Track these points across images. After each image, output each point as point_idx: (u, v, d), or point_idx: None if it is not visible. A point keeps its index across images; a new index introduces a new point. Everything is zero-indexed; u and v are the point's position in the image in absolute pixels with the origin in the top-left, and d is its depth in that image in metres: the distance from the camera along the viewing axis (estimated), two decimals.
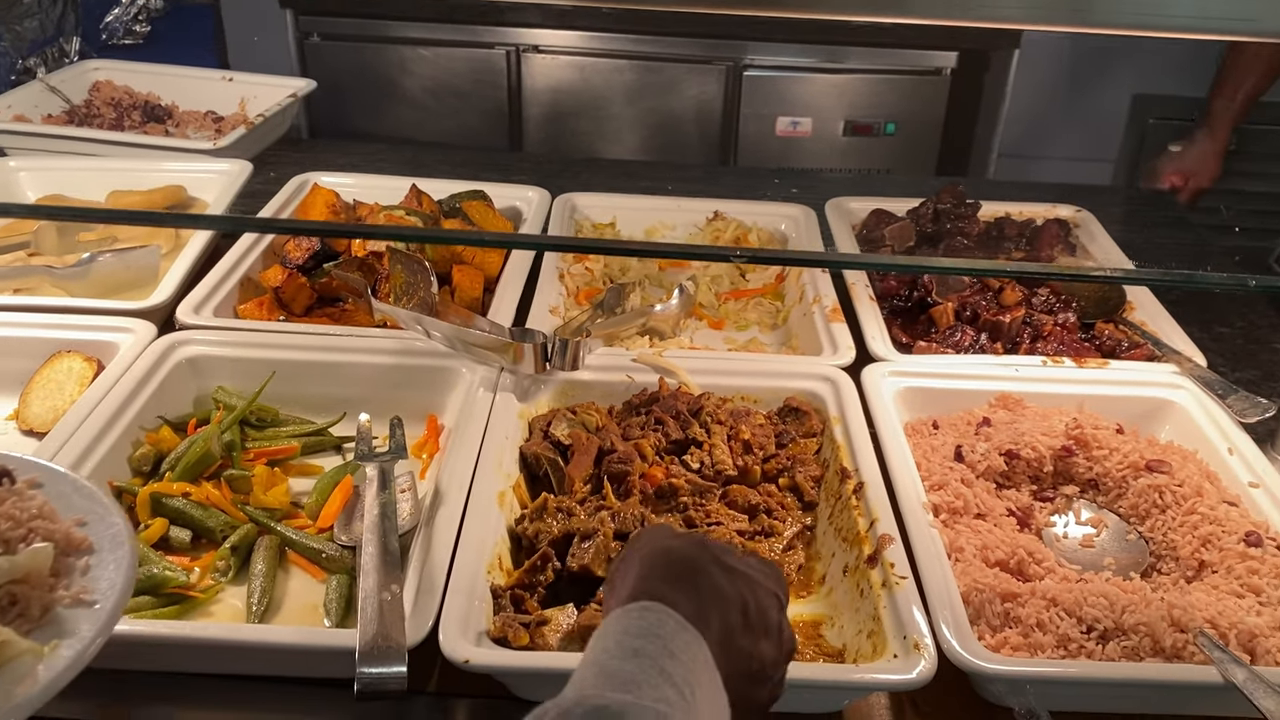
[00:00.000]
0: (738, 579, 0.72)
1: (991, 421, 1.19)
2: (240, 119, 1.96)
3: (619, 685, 0.59)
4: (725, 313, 1.50)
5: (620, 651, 0.62)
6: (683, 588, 0.69)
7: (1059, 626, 0.93)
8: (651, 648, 0.62)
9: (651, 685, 0.59)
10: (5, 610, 0.67)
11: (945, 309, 1.40)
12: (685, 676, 0.61)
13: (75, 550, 0.74)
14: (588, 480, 1.10)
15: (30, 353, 1.24)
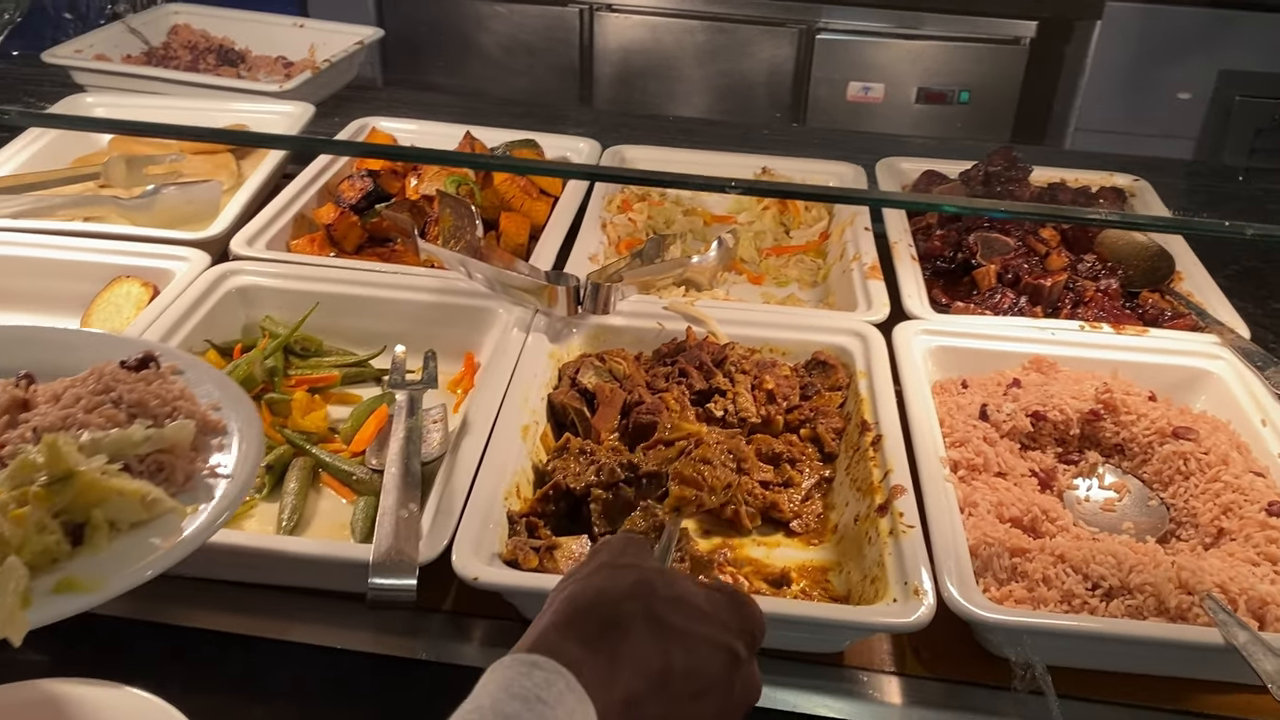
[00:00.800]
0: (669, 638, 0.64)
1: (1022, 383, 1.19)
2: (308, 64, 2.01)
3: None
4: (766, 268, 1.51)
5: (493, 714, 0.57)
6: (594, 645, 0.63)
7: (1064, 582, 0.93)
8: (528, 716, 0.57)
9: None
10: (153, 475, 0.75)
11: (988, 271, 1.40)
12: None
13: (211, 430, 0.82)
14: (614, 430, 1.13)
15: (94, 276, 1.30)
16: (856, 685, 0.92)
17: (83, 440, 0.74)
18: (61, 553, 0.67)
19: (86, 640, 0.92)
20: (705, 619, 0.66)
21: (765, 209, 1.60)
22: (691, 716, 0.64)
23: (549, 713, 0.57)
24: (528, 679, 0.58)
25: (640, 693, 0.62)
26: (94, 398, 0.80)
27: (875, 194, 0.92)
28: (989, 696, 0.91)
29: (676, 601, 0.66)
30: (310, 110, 1.75)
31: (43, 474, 0.69)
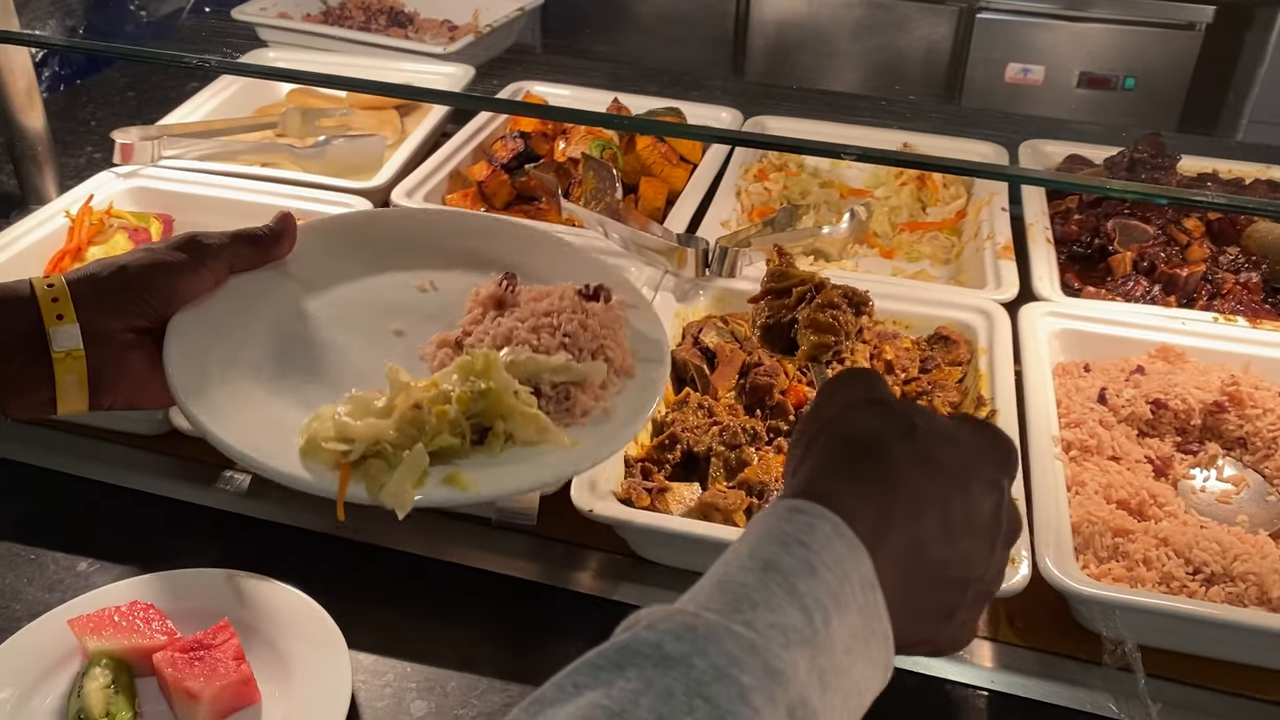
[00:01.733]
0: (944, 476, 0.57)
1: (1146, 370, 1.19)
2: (472, 28, 2.11)
3: (729, 602, 0.48)
4: (898, 243, 1.53)
5: (751, 561, 0.50)
6: (862, 485, 0.56)
7: (1165, 565, 0.94)
8: (788, 561, 0.50)
9: (770, 607, 0.48)
10: (558, 402, 0.77)
11: (1124, 258, 1.38)
12: (821, 597, 0.49)
13: (622, 373, 0.83)
14: (731, 389, 1.18)
15: (269, 217, 1.41)
16: None
17: (510, 358, 0.77)
18: (461, 452, 0.72)
19: (250, 541, 1.04)
20: (971, 453, 0.60)
21: (903, 184, 1.61)
22: (968, 556, 0.58)
23: (812, 557, 0.50)
24: (788, 523, 0.52)
25: (920, 537, 0.56)
26: (541, 318, 0.83)
27: (985, 166, 0.93)
28: (1079, 669, 0.93)
29: (944, 438, 0.59)
30: (471, 72, 1.85)
31: (475, 381, 0.73)
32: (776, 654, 0.46)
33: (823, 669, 0.47)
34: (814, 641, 0.48)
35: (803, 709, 0.45)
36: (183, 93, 1.80)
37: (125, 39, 2.43)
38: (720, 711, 0.43)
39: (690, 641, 0.45)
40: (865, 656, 0.50)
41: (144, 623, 0.87)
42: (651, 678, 0.44)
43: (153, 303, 0.74)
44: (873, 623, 0.51)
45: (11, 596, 0.97)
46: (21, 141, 1.52)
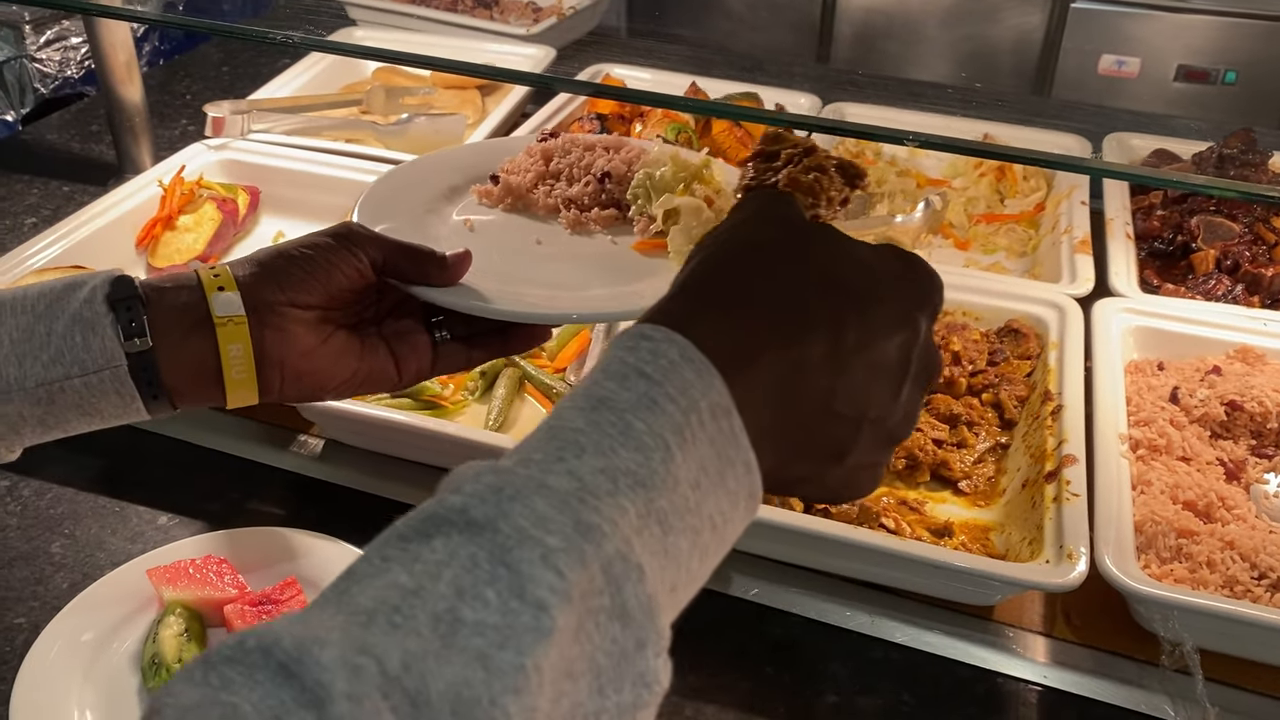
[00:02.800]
0: (836, 297, 0.51)
1: (1222, 371, 1.16)
2: (555, 10, 2.13)
3: (553, 451, 0.44)
4: (974, 235, 1.51)
5: (585, 400, 0.46)
6: (730, 305, 0.50)
7: (1229, 568, 0.93)
8: (625, 396, 0.45)
9: (599, 450, 0.44)
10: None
11: (1206, 255, 1.35)
12: (662, 433, 0.45)
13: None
14: None
15: (351, 191, 1.43)
16: (1003, 639, 0.95)
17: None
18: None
19: (320, 503, 1.07)
20: (878, 278, 0.53)
21: (981, 175, 1.59)
22: (865, 390, 0.51)
23: (654, 389, 0.45)
24: (631, 353, 0.47)
25: (799, 361, 0.50)
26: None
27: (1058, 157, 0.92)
28: (1135, 669, 0.92)
29: (848, 259, 0.53)
30: (552, 54, 1.87)
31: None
32: (594, 505, 0.42)
33: (662, 510, 0.44)
34: (650, 483, 0.44)
35: (621, 564, 0.42)
36: (274, 69, 1.86)
37: (221, 16, 2.50)
38: (521, 579, 0.39)
39: (496, 504, 0.41)
40: (720, 488, 0.46)
41: (216, 576, 0.91)
42: (457, 547, 0.40)
43: (311, 279, 0.73)
44: (728, 451, 0.47)
45: (97, 545, 1.02)
46: (120, 113, 1.58)
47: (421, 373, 0.81)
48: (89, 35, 1.56)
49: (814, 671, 0.92)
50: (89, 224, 1.35)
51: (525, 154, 1.00)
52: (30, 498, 1.07)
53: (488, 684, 0.37)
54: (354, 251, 0.75)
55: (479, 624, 0.38)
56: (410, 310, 0.80)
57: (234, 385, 0.71)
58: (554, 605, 0.39)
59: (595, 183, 0.95)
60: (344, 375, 0.76)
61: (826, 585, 0.99)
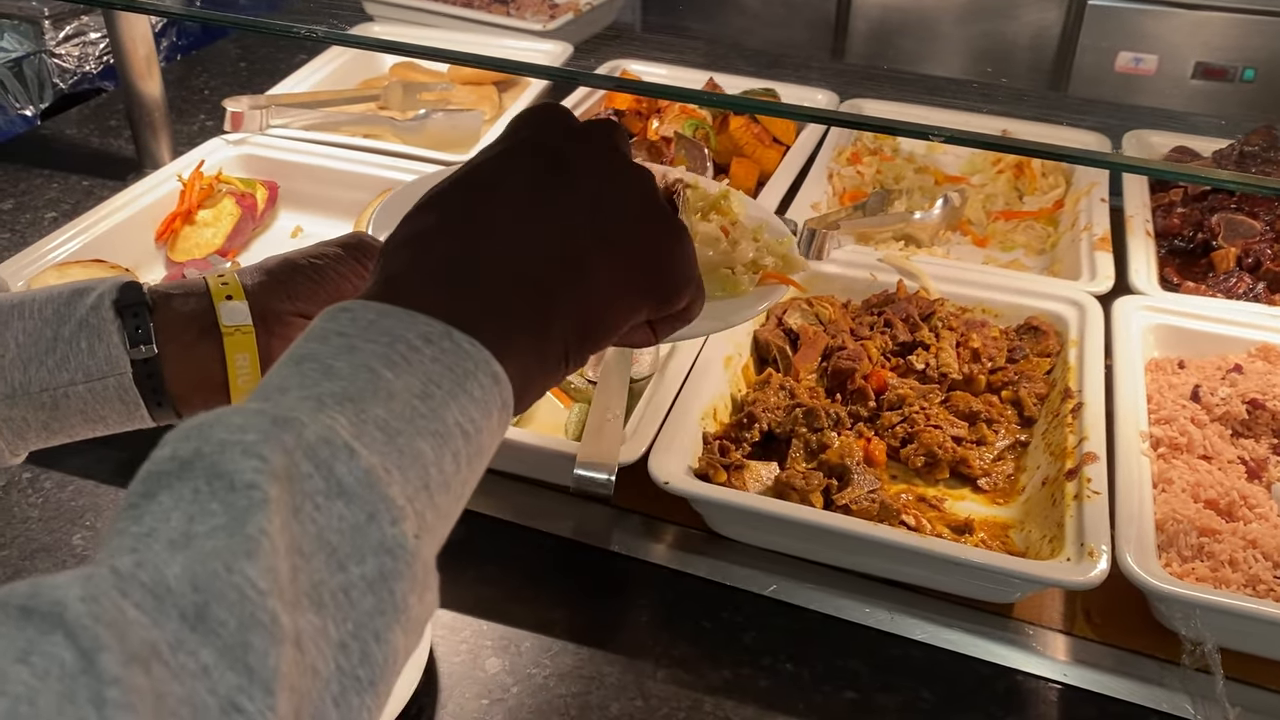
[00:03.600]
0: (467, 179, 0.54)
1: (1244, 369, 1.15)
2: (572, 5, 2.13)
3: (256, 397, 0.45)
4: (993, 231, 1.51)
5: (287, 359, 0.47)
6: (410, 239, 0.52)
7: (1251, 567, 0.92)
8: (324, 349, 0.46)
9: (301, 387, 0.44)
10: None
11: (1227, 253, 1.34)
12: (368, 363, 0.45)
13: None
14: (813, 372, 1.18)
15: (369, 187, 1.47)
16: (1023, 637, 0.95)
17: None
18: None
19: None
20: (499, 145, 0.55)
21: (1000, 172, 1.59)
22: (519, 233, 0.52)
23: (353, 340, 0.46)
24: (331, 321, 0.48)
25: (424, 224, 0.52)
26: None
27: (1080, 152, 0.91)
28: (1155, 668, 0.92)
29: (481, 157, 0.55)
30: (569, 50, 1.87)
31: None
32: (294, 412, 0.42)
33: (380, 418, 0.43)
34: (359, 397, 0.44)
35: (326, 447, 0.41)
36: (292, 64, 1.86)
37: (238, 10, 2.51)
38: (229, 476, 0.39)
39: (196, 435, 0.41)
40: (463, 395, 0.46)
41: None
42: (180, 492, 0.40)
43: (319, 289, 0.73)
44: (462, 364, 0.46)
45: None
46: (139, 108, 1.59)
47: None
48: (109, 30, 1.56)
49: (832, 668, 0.92)
50: (109, 219, 1.36)
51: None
52: (52, 490, 1.08)
53: (220, 555, 0.37)
54: (363, 262, 0.75)
55: (211, 530, 0.38)
56: None
57: (240, 394, 0.70)
58: (262, 482, 0.39)
59: None
60: None
61: (845, 582, 0.98)
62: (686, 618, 0.96)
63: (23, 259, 1.26)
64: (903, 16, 3.17)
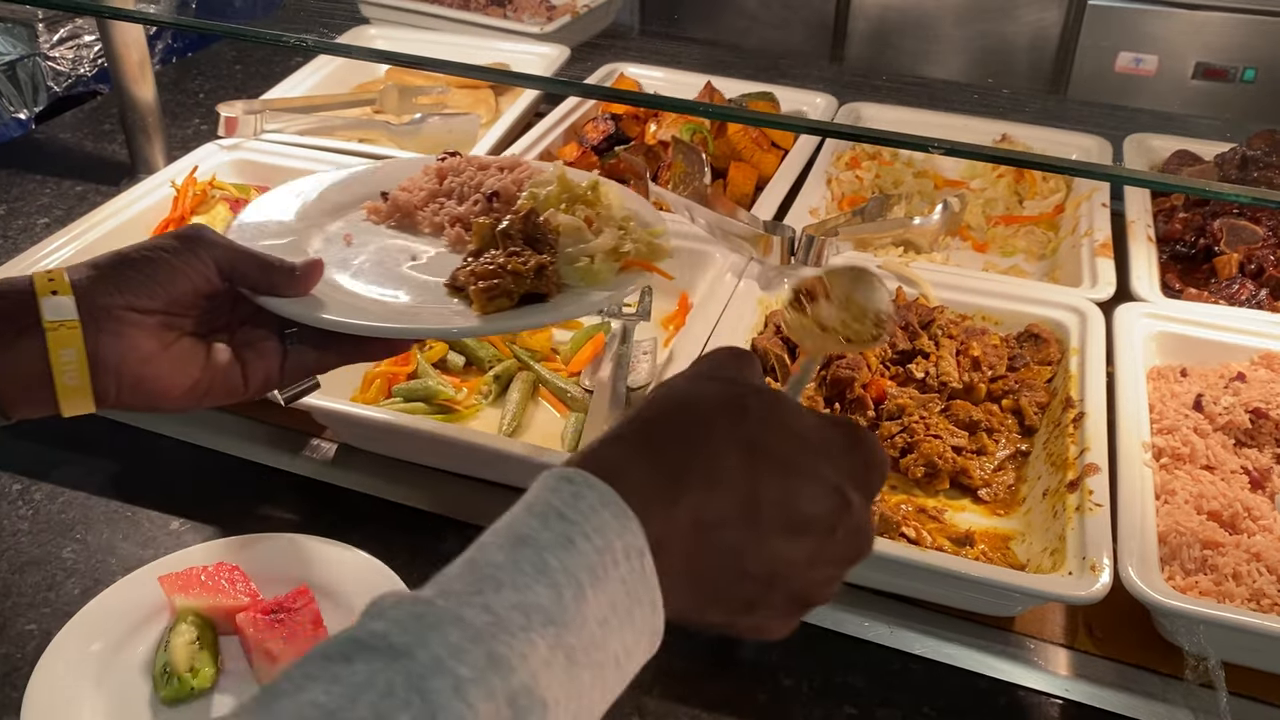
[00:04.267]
0: (760, 461, 0.53)
1: (1247, 378, 1.14)
2: (569, 8, 2.12)
3: (472, 583, 0.46)
4: (992, 237, 1.50)
5: (505, 537, 0.49)
6: (655, 455, 0.53)
7: (1256, 581, 0.91)
8: (545, 535, 0.48)
9: (515, 586, 0.46)
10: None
11: (1229, 259, 1.33)
12: (576, 572, 0.47)
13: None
14: (812, 380, 1.17)
15: None
16: (1024, 651, 0.94)
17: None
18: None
19: (333, 508, 1.06)
20: (810, 450, 0.55)
21: (1000, 176, 1.57)
22: (777, 555, 0.53)
23: (571, 529, 0.48)
24: (554, 494, 0.49)
25: (712, 515, 0.52)
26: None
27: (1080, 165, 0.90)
28: (1158, 683, 0.90)
29: (776, 424, 0.55)
30: (566, 53, 1.86)
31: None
32: (506, 640, 0.44)
33: (570, 646, 0.46)
34: (561, 620, 0.46)
35: (526, 697, 0.44)
36: (287, 68, 1.85)
37: (234, 14, 2.50)
38: (433, 707, 0.41)
39: (415, 632, 0.43)
40: (628, 626, 0.49)
41: (229, 583, 0.91)
42: (376, 671, 0.42)
43: (152, 283, 0.72)
44: (637, 590, 0.49)
45: (108, 551, 1.01)
46: (133, 113, 1.57)
47: (270, 382, 0.80)
48: (101, 35, 1.55)
49: (831, 683, 0.91)
50: (101, 225, 1.35)
51: (422, 172, 1.02)
52: (42, 502, 1.06)
53: None
54: (200, 256, 0.74)
55: None
56: (265, 318, 0.80)
57: (66, 392, 0.69)
58: None
59: (484, 201, 0.97)
60: (186, 383, 0.74)
61: (844, 595, 0.97)
62: (683, 632, 0.94)
63: (14, 266, 1.25)
64: (902, 17, 3.16)
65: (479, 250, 0.88)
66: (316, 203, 0.99)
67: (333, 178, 1.04)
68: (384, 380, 1.17)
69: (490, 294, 0.83)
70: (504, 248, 0.86)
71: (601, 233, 0.89)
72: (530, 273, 0.83)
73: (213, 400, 0.77)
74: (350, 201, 1.01)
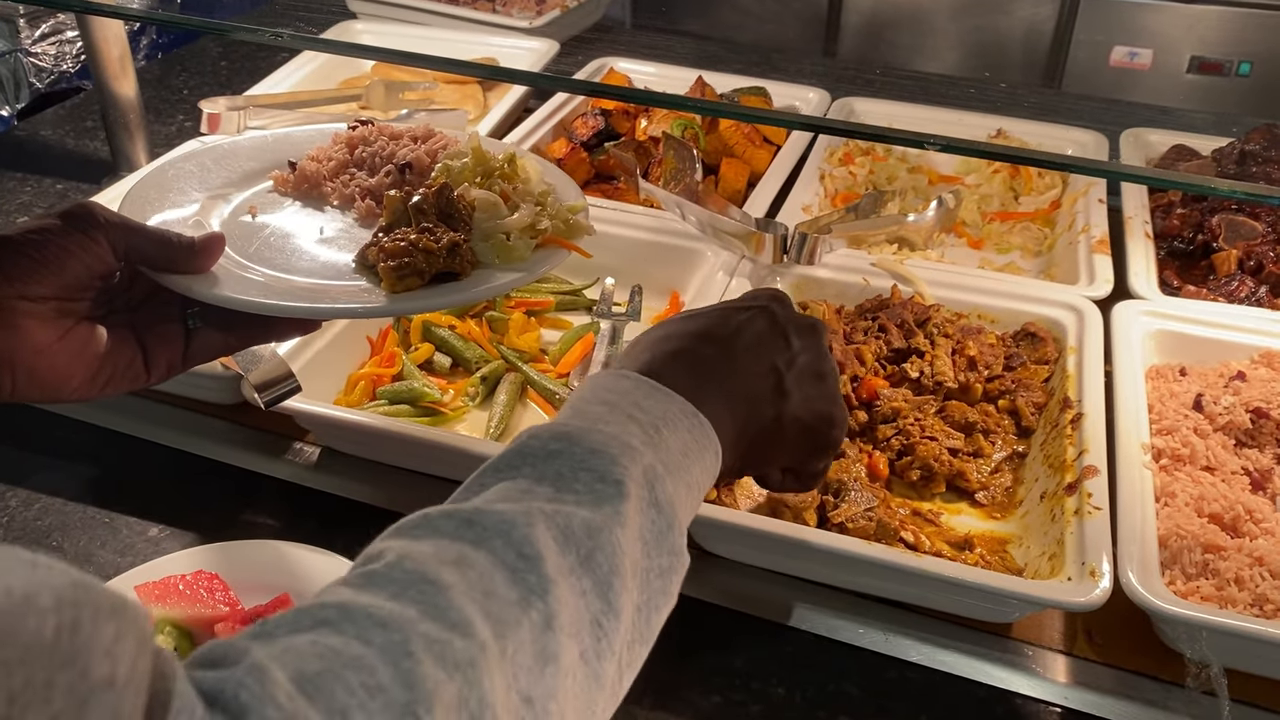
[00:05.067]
0: (696, 315, 0.76)
1: (1247, 377, 1.12)
2: (559, 2, 2.09)
3: (589, 420, 0.61)
4: (988, 233, 1.48)
5: (595, 400, 0.64)
6: (684, 362, 0.70)
7: (1258, 586, 0.89)
8: (624, 401, 0.63)
9: (618, 423, 0.61)
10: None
11: (1228, 256, 1.31)
12: (655, 419, 0.63)
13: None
14: None
15: None
16: (1022, 658, 0.92)
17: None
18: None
19: (315, 513, 1.04)
20: (753, 339, 0.75)
21: (995, 172, 1.55)
22: (747, 369, 0.73)
23: (642, 398, 0.65)
24: (616, 381, 0.66)
25: (736, 391, 0.72)
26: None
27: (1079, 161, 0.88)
28: (1159, 690, 0.89)
29: (738, 330, 0.75)
30: (555, 47, 1.83)
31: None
32: (629, 443, 0.60)
33: (665, 462, 0.61)
34: (655, 444, 0.62)
35: (652, 472, 0.60)
36: (272, 63, 1.82)
37: (219, 10, 2.47)
38: (599, 472, 0.57)
39: (567, 440, 0.59)
40: (700, 463, 0.65)
41: (207, 593, 0.88)
42: (544, 467, 0.58)
43: (41, 268, 0.68)
44: (701, 439, 0.65)
45: (85, 559, 0.99)
46: (115, 110, 1.55)
47: (173, 366, 0.77)
48: (82, 31, 1.52)
49: (826, 692, 0.89)
50: None
51: (331, 141, 0.98)
52: (17, 508, 1.04)
53: (603, 520, 0.56)
54: (91, 236, 0.70)
55: (577, 497, 0.57)
56: (166, 299, 0.76)
57: None
58: (626, 482, 0.58)
59: (396, 173, 0.93)
60: (86, 373, 0.71)
61: (838, 601, 0.95)
62: (674, 642, 0.92)
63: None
64: (894, 12, 3.14)
65: (390, 225, 0.83)
66: (219, 172, 0.94)
67: (236, 145, 0.99)
68: (368, 382, 1.15)
69: (400, 273, 0.79)
70: (416, 223, 0.82)
71: (518, 209, 0.86)
72: (443, 251, 0.80)
73: (115, 388, 0.74)
74: (257, 171, 0.96)
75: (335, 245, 0.88)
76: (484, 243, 0.84)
